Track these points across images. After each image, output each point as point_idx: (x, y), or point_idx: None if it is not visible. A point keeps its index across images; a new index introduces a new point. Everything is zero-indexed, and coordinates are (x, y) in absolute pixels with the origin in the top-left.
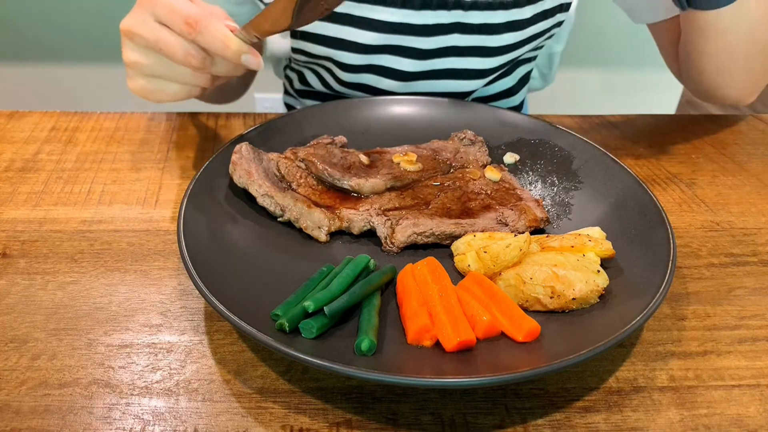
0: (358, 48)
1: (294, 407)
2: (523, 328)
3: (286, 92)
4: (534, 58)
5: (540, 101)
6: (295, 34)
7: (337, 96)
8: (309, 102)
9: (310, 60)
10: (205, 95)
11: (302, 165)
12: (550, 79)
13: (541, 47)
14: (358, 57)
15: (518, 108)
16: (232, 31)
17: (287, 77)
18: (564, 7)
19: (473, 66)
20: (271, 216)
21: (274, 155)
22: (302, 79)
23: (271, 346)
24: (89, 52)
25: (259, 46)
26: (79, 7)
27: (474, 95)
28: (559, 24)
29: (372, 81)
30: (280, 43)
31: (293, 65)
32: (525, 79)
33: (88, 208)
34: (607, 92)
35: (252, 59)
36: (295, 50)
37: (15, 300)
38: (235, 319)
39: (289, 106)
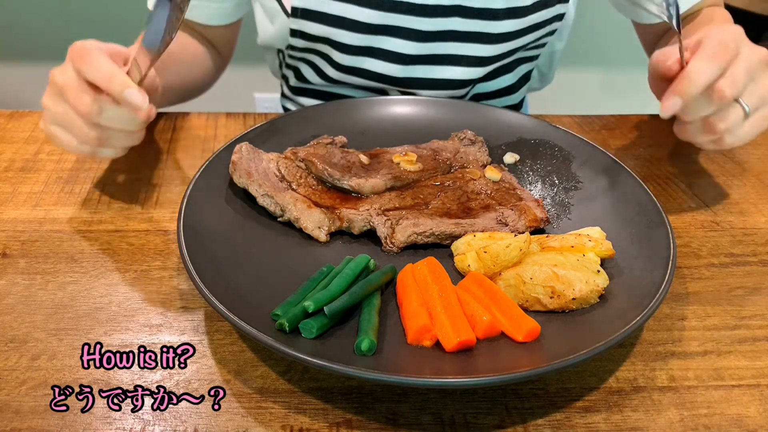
0: (358, 27)
1: (294, 407)
2: (523, 328)
3: (282, 95)
4: (536, 57)
5: (540, 101)
6: (296, 13)
7: (335, 95)
8: (305, 101)
9: (308, 45)
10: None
11: (302, 165)
12: (549, 78)
13: (544, 45)
14: (357, 37)
15: (518, 107)
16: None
17: (283, 76)
18: None
19: (473, 53)
20: (271, 216)
21: (274, 155)
22: (298, 75)
23: (271, 346)
24: None
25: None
26: (79, 7)
27: (474, 90)
28: (560, 17)
29: (370, 65)
30: (274, 28)
31: (288, 60)
32: (525, 78)
33: (88, 208)
34: (607, 92)
35: (136, 95)
36: (293, 32)
37: (15, 300)
38: (235, 319)
39: (286, 110)
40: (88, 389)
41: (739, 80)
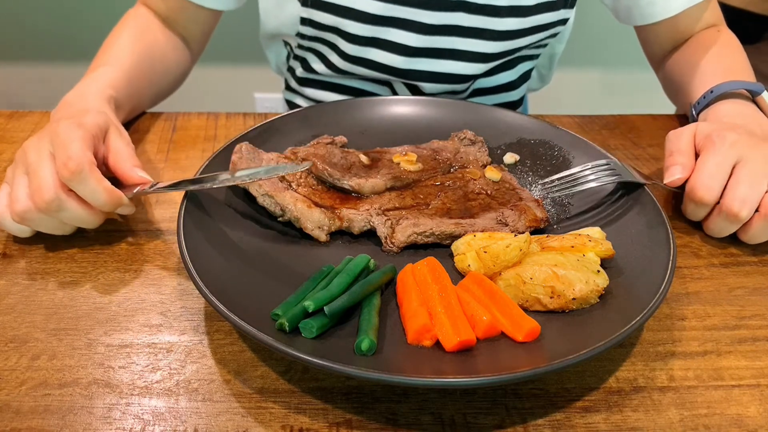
0: (366, 18)
1: (294, 407)
2: (523, 328)
3: (287, 87)
4: (537, 56)
5: (540, 101)
6: (306, 2)
7: (341, 85)
8: (311, 92)
9: (317, 33)
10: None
11: None
12: (547, 79)
13: (545, 45)
14: (364, 27)
15: (518, 104)
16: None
17: (290, 68)
18: (569, 3)
19: (475, 48)
20: (271, 216)
21: (274, 155)
22: (305, 65)
23: (271, 346)
24: (89, 52)
25: None
26: (79, 7)
27: (475, 85)
28: (564, 22)
29: (375, 56)
30: (284, 15)
31: (297, 51)
32: (526, 76)
33: None
34: (607, 92)
35: (128, 209)
36: (303, 20)
37: (15, 300)
38: (235, 319)
39: (289, 103)
40: (87, 389)
41: (748, 198)
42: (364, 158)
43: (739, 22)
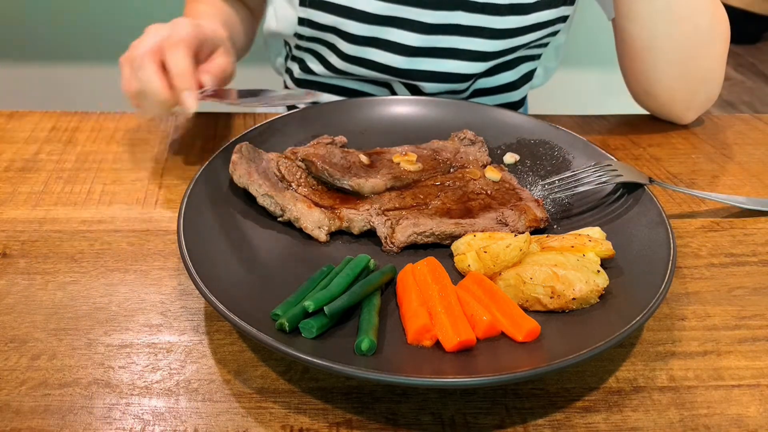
0: (365, 17)
1: (294, 407)
2: (523, 328)
3: (285, 89)
4: (538, 56)
5: (540, 100)
6: (304, 2)
7: (339, 87)
8: None
9: (315, 34)
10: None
11: (302, 165)
12: (551, 72)
13: (546, 44)
14: (364, 27)
15: (519, 104)
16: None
17: (288, 69)
18: (569, 0)
19: (476, 47)
20: (271, 216)
21: (274, 155)
22: (303, 66)
23: (271, 346)
24: (89, 52)
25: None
26: (79, 7)
27: (475, 86)
28: (564, 19)
29: (375, 56)
30: (283, 17)
31: (295, 51)
32: (527, 77)
33: (88, 208)
34: (607, 92)
35: (191, 100)
36: (301, 21)
37: (15, 300)
38: (235, 319)
39: (288, 107)
40: (87, 389)
41: None
42: (364, 158)
43: (739, 22)
